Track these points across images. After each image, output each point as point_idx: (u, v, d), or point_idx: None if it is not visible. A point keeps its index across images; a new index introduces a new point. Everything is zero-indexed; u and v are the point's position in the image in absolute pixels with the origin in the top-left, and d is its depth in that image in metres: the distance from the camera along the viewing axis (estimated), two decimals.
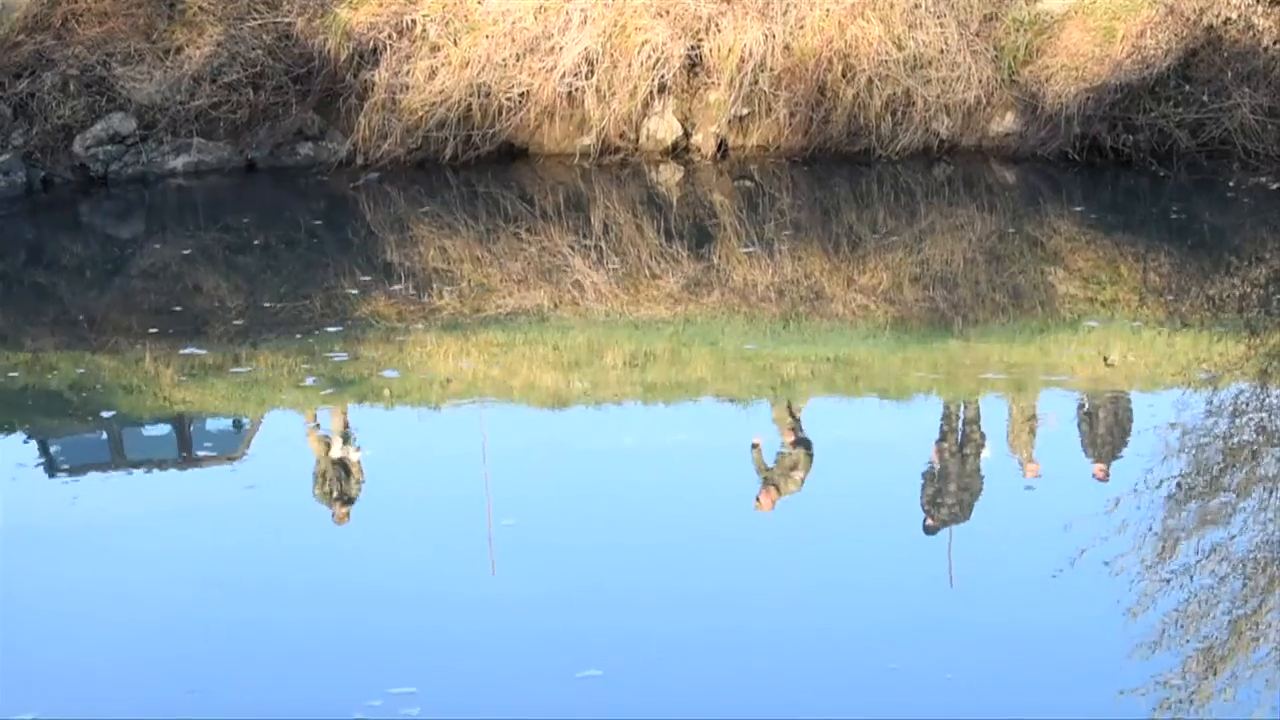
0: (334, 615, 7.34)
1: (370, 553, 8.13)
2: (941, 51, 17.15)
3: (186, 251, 15.47)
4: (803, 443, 9.50)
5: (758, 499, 8.62)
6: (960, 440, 9.61)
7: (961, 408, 10.11)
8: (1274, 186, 15.51)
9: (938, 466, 9.18)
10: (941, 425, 9.89)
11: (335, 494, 9.04)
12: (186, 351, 11.77)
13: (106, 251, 16.09)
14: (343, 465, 9.38)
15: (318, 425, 10.19)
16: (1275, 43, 16.43)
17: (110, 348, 12.13)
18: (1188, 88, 16.51)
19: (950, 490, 8.90)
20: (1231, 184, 15.74)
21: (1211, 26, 16.57)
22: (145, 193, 17.59)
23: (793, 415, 9.99)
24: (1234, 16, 16.49)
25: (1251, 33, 16.46)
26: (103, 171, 17.70)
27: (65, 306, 13.83)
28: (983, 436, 9.66)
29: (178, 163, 17.78)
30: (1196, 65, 16.64)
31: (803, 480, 9.01)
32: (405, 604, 7.42)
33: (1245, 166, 16.05)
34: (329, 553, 8.20)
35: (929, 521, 8.37)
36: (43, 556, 8.18)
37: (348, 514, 8.81)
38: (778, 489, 8.77)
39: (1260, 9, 16.39)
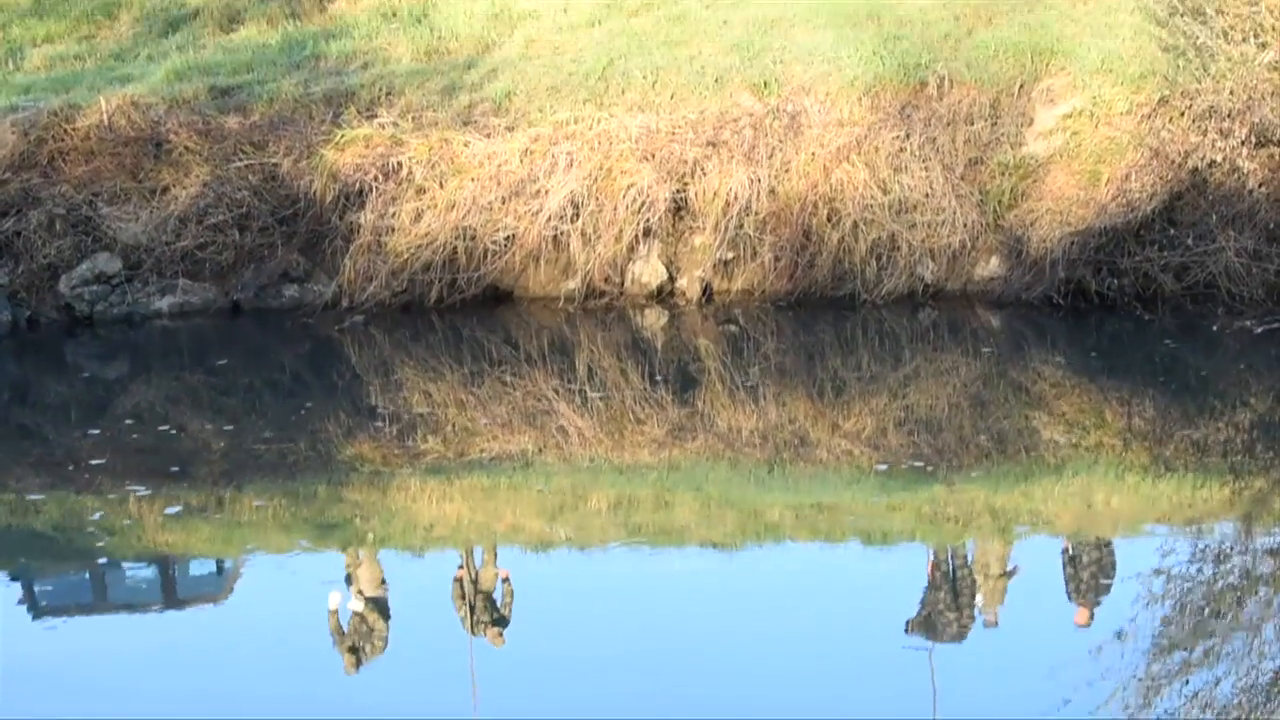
0: None
1: (354, 695, 8.23)
2: (926, 196, 17.39)
3: (171, 393, 15.64)
4: None
5: None
6: (946, 585, 9.73)
7: (948, 553, 10.26)
8: (1259, 330, 15.67)
9: (924, 612, 9.30)
10: (927, 570, 10.02)
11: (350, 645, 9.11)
12: (170, 493, 11.91)
13: (91, 392, 16.24)
14: (360, 617, 9.45)
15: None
16: (1260, 185, 16.64)
17: (94, 488, 12.24)
18: (1173, 231, 16.71)
19: (936, 634, 9.00)
20: (1216, 327, 15.90)
21: (1197, 169, 16.79)
22: (130, 333, 17.79)
23: None
24: (1219, 159, 16.68)
25: (1236, 175, 16.67)
26: (88, 311, 17.94)
27: (50, 446, 13.97)
28: (972, 582, 9.79)
29: (163, 303, 18.00)
30: (1181, 208, 16.85)
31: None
32: None
33: (1230, 310, 16.21)
34: (312, 695, 8.29)
35: (913, 658, 8.46)
36: (26, 698, 8.26)
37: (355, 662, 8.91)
38: None
39: (1245, 151, 16.57)
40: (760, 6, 19.82)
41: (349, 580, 10.01)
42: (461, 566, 10.41)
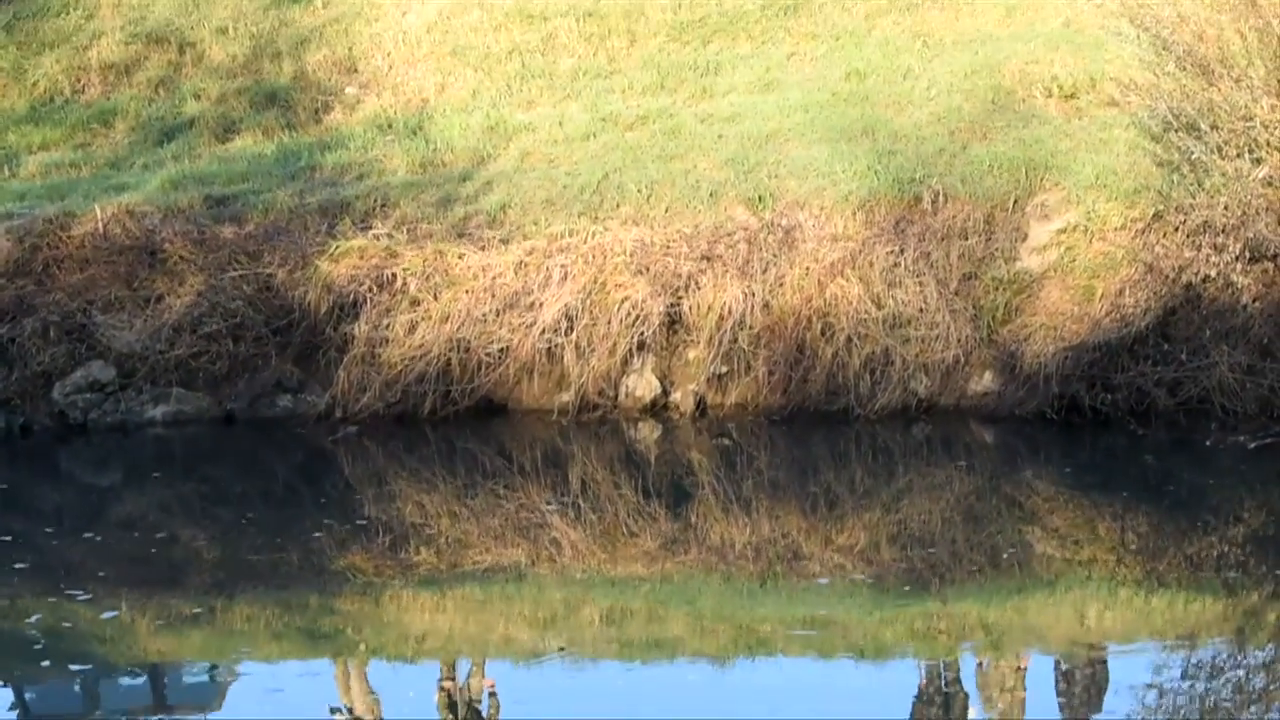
0: None
1: None
2: (921, 310, 17.55)
3: (164, 501, 15.79)
4: None
5: None
6: (940, 702, 9.85)
7: (941, 668, 10.41)
8: (1252, 445, 15.80)
9: None
10: (920, 686, 10.16)
11: None
12: (163, 601, 12.05)
13: (84, 499, 16.40)
14: None
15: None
16: (1254, 301, 16.79)
17: (86, 595, 12.39)
18: (1166, 346, 16.85)
19: None
20: (1209, 442, 16.03)
21: (1191, 285, 16.94)
22: (124, 441, 17.93)
23: None
24: (1213, 274, 16.81)
25: (1230, 291, 16.80)
26: (82, 419, 18.08)
27: (42, 554, 14.05)
28: (965, 697, 9.92)
29: (157, 412, 18.16)
30: (1175, 323, 17.01)
31: None
32: None
33: (1223, 425, 16.34)
34: None
35: None
36: None
37: None
38: None
39: (1239, 266, 16.70)
40: (755, 121, 20.10)
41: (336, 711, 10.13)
42: (448, 678, 10.56)
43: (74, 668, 10.83)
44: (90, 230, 19.05)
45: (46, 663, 11.09)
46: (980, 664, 10.65)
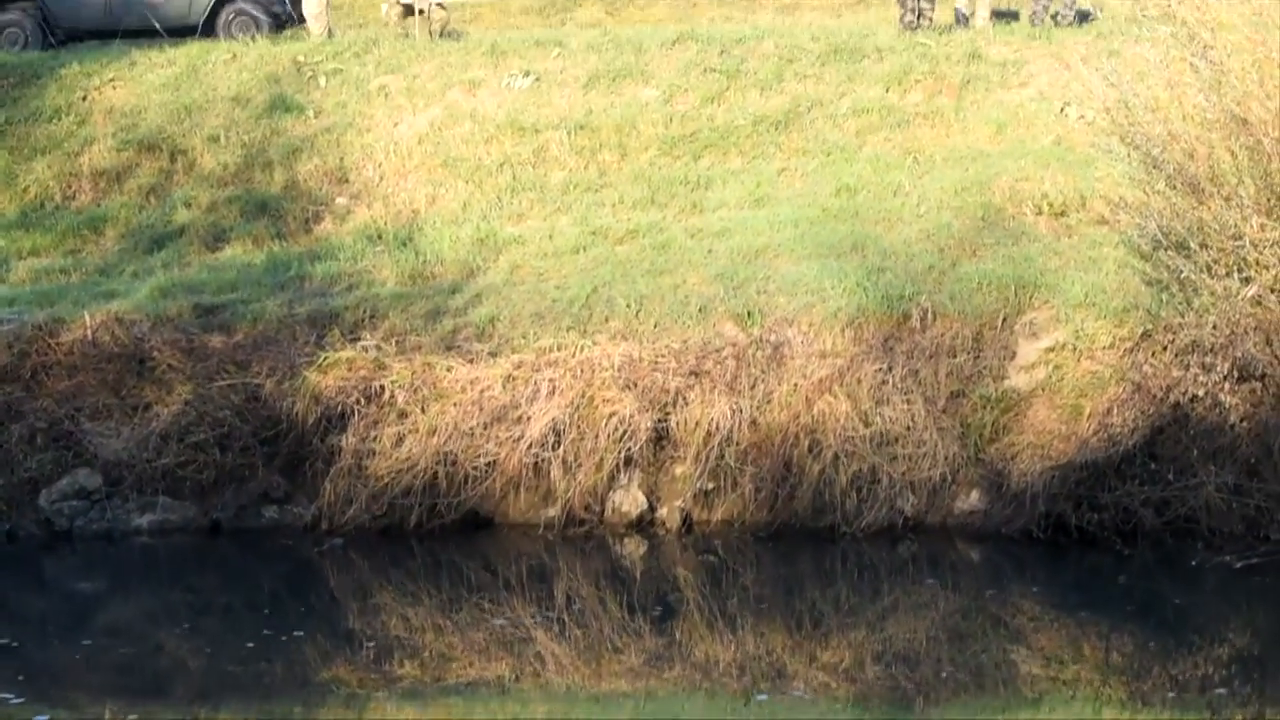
0: None
1: None
2: (908, 429, 17.76)
3: (149, 610, 15.95)
4: None
5: None
6: None
7: None
8: (1238, 565, 16.03)
9: None
10: None
11: None
12: (146, 711, 12.24)
13: (69, 607, 16.53)
14: None
15: None
16: (1242, 420, 16.95)
17: (69, 705, 12.58)
18: (1154, 465, 17.06)
19: None
20: (1196, 562, 16.28)
21: (1179, 404, 17.15)
22: (110, 549, 18.09)
23: None
24: (1201, 394, 16.99)
25: (1218, 410, 16.98)
26: (68, 526, 18.29)
27: (25, 661, 14.22)
28: None
29: (143, 520, 18.33)
30: (1163, 443, 17.21)
31: None
32: None
33: (1210, 545, 16.57)
34: None
35: None
36: None
37: None
38: None
39: (1228, 386, 16.88)
40: (745, 236, 20.45)
41: None
42: None
43: None
44: (79, 337, 19.26)
45: None
46: None
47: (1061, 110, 23.32)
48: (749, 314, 18.68)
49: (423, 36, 28.40)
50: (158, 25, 29.48)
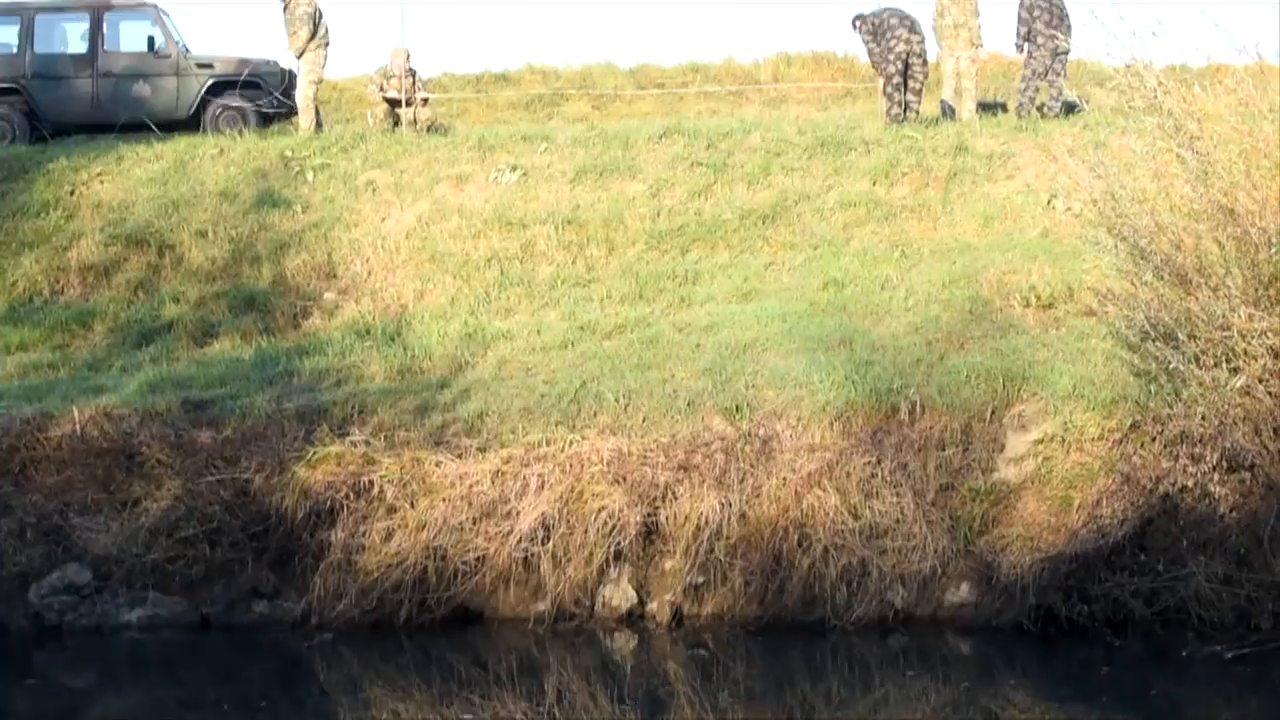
0: None
1: None
2: (897, 522, 17.90)
3: (138, 706, 16.02)
4: None
5: None
6: None
7: None
8: (1229, 655, 16.14)
9: None
10: None
11: None
12: None
13: (59, 703, 16.65)
14: None
15: None
16: (1231, 511, 17.10)
17: None
18: (1143, 556, 17.20)
19: None
20: (1186, 653, 16.40)
21: (1168, 495, 17.31)
22: (99, 644, 18.17)
23: None
24: (1190, 484, 17.16)
25: (1208, 500, 17.14)
26: (57, 620, 18.42)
27: None
28: None
29: (132, 615, 18.44)
30: (1152, 534, 17.37)
31: None
32: None
33: (1200, 635, 16.67)
34: None
35: None
36: None
37: None
38: None
39: (1217, 477, 17.04)
40: (733, 330, 20.70)
41: None
42: None
43: None
44: (68, 432, 19.39)
45: None
46: None
47: (1049, 202, 23.68)
48: (737, 408, 18.81)
49: (410, 131, 28.77)
50: (146, 118, 29.87)
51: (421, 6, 67.21)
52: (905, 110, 27.83)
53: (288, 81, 31.08)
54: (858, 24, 29.02)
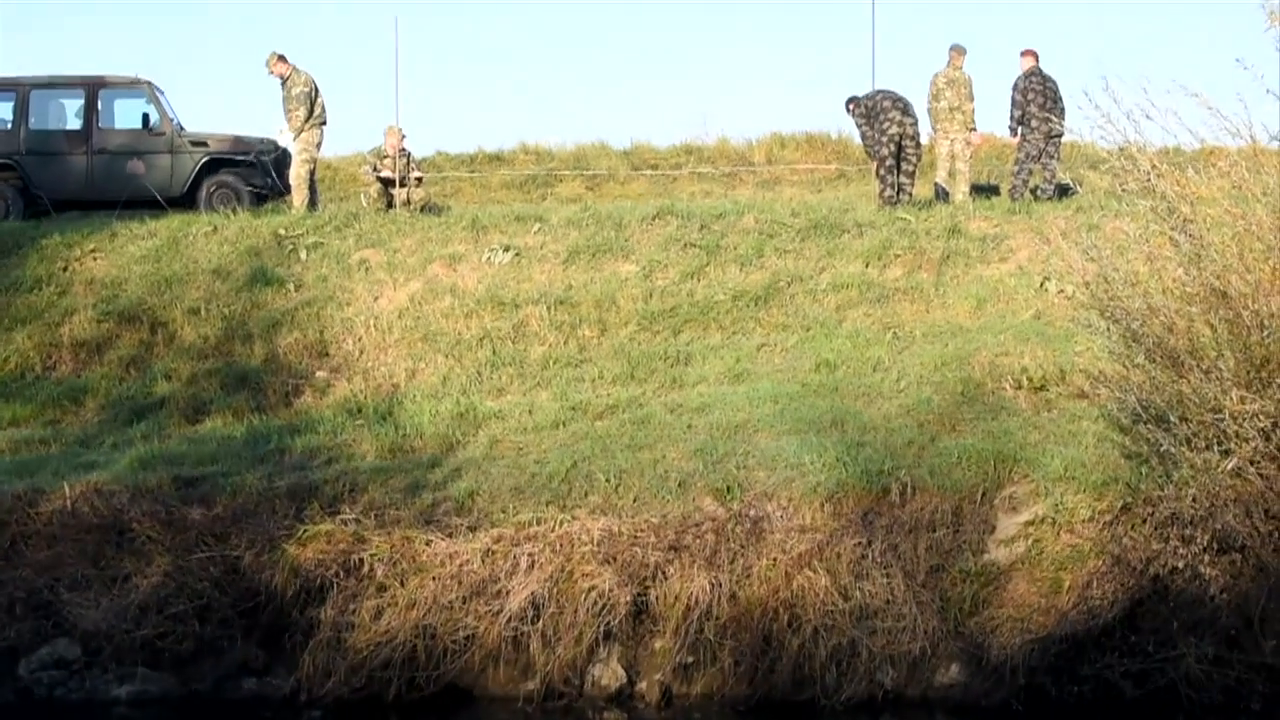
0: None
1: None
2: (888, 602, 18.05)
3: None
4: None
5: None
6: None
7: None
8: None
9: None
10: None
11: None
12: None
13: None
14: None
15: None
16: (1222, 592, 17.20)
17: None
18: (1133, 638, 17.34)
19: None
20: None
21: (1158, 576, 17.45)
22: (88, 719, 18.21)
23: None
24: (1181, 566, 17.28)
25: (1198, 582, 17.25)
26: (47, 695, 18.53)
27: None
28: None
29: (122, 691, 18.54)
30: (1142, 615, 17.51)
31: None
32: None
33: (1190, 716, 16.83)
34: None
35: None
36: None
37: None
38: None
39: (1208, 558, 17.16)
40: (724, 411, 20.92)
41: None
42: None
43: None
44: (59, 507, 19.61)
45: None
46: None
47: (1041, 285, 23.93)
48: (728, 489, 19.02)
49: (403, 211, 29.07)
50: (142, 195, 30.18)
51: (416, 86, 67.94)
52: (898, 193, 28.18)
53: (282, 160, 31.41)
54: (851, 107, 29.45)
